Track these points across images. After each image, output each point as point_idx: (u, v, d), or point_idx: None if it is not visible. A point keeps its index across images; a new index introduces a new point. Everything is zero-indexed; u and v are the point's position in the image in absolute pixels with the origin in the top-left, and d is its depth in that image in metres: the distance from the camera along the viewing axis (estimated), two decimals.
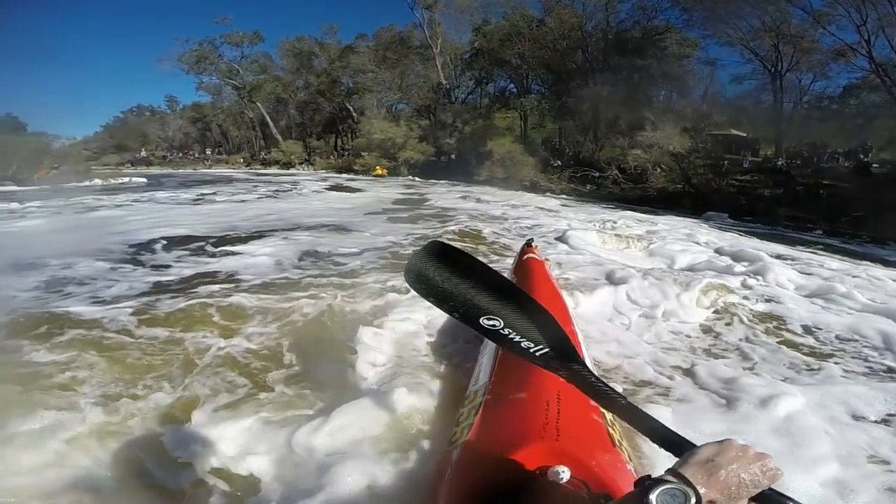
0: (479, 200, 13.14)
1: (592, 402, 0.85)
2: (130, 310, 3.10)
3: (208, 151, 49.36)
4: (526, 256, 2.80)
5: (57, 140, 26.21)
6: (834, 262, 6.04)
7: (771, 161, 19.96)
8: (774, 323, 3.40)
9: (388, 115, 34.42)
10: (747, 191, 16.65)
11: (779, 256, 5.67)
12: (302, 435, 1.72)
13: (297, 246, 5.60)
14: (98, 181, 19.83)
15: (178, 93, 63.21)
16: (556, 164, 22.70)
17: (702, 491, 0.61)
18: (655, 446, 0.73)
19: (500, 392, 1.39)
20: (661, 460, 1.44)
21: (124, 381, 2.18)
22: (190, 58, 36.95)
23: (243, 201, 12.18)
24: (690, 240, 6.97)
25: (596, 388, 0.81)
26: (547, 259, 3.30)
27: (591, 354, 2.15)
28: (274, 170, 36.26)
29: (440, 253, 0.86)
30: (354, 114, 35.76)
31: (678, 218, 10.74)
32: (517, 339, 0.84)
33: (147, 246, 5.64)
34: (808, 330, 3.28)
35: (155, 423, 1.91)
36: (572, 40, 24.94)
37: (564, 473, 0.85)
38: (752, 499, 0.65)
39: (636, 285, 3.69)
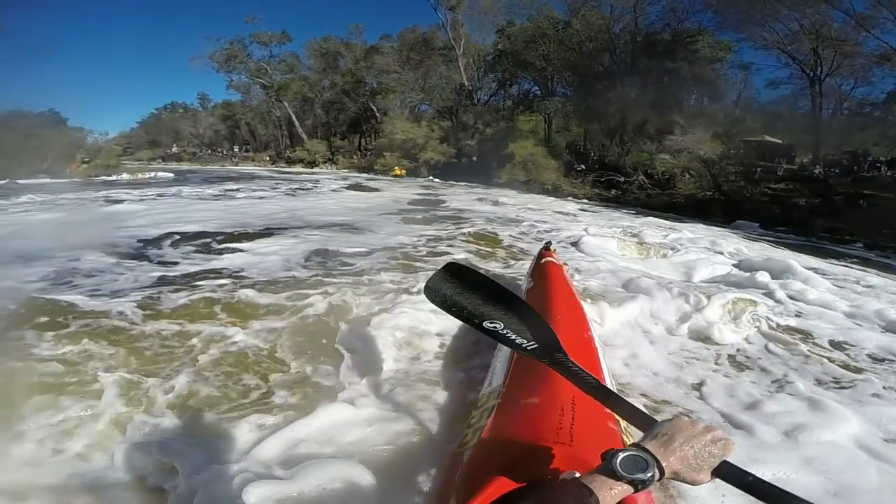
0: (496, 203, 12.91)
1: (607, 410, 0.95)
2: (133, 303, 3.08)
3: (236, 149, 50.55)
4: (544, 260, 2.79)
5: (90, 135, 27.20)
6: (873, 278, 5.57)
7: (807, 169, 19.07)
8: (805, 341, 3.11)
9: (411, 115, 34.51)
10: (781, 199, 15.93)
11: (813, 269, 5.28)
12: (309, 435, 1.71)
13: (308, 244, 5.54)
14: (126, 175, 20.59)
15: (211, 91, 65.05)
16: (580, 168, 22.22)
17: (663, 463, 0.69)
18: None
19: (513, 396, 1.38)
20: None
21: (121, 376, 2.12)
22: (220, 56, 37.97)
23: (261, 198, 12.34)
24: (717, 249, 6.56)
25: (576, 375, 0.96)
26: (565, 263, 3.23)
27: (610, 364, 2.06)
28: (298, 168, 36.80)
29: (454, 272, 1.12)
30: (378, 114, 35.97)
31: (705, 226, 10.18)
32: (513, 336, 1.02)
33: (159, 241, 5.68)
34: (839, 347, 3.01)
35: (154, 418, 1.88)
36: (599, 42, 24.40)
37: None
38: (713, 472, 0.73)
39: (659, 296, 3.43)
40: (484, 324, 1.03)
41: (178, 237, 5.86)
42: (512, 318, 1.04)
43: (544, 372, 1.20)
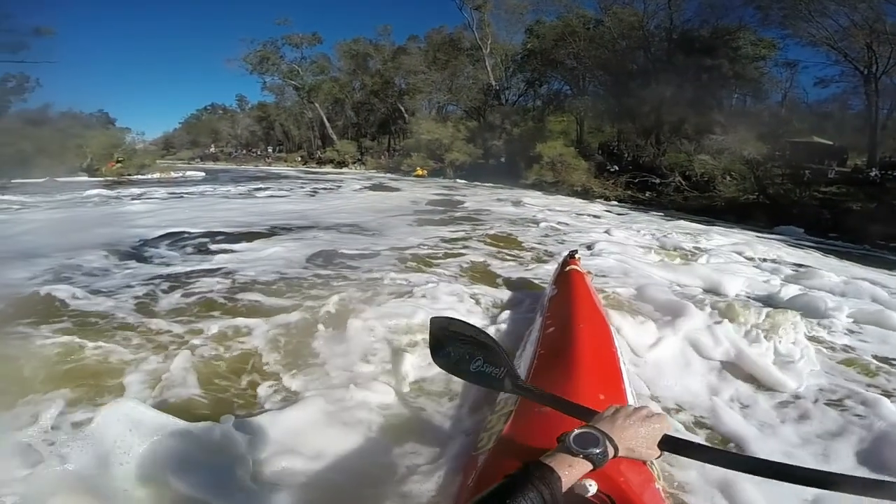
0: (518, 204, 12.48)
1: None
2: (127, 302, 3.12)
3: (270, 149, 51.81)
4: (568, 268, 2.75)
5: (128, 135, 28.41)
6: None
7: (862, 172, 17.67)
8: (871, 372, 2.58)
9: (438, 116, 34.35)
10: (832, 204, 14.77)
11: (869, 281, 4.64)
12: (321, 436, 1.70)
13: (312, 246, 5.40)
14: (157, 174, 21.34)
15: (248, 93, 67.07)
16: (612, 169, 21.35)
17: (614, 438, 0.79)
18: (688, 467, 1.32)
19: (532, 406, 1.33)
20: (691, 477, 1.51)
21: (107, 375, 2.13)
22: (253, 58, 38.86)
23: (282, 198, 12.38)
24: (755, 256, 5.97)
25: (531, 392, 1.12)
26: (589, 272, 3.09)
27: (635, 385, 1.90)
28: (328, 168, 37.26)
29: (441, 326, 1.25)
30: (406, 114, 35.97)
31: (742, 231, 9.30)
32: (490, 371, 1.15)
33: (158, 241, 5.64)
34: None
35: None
36: (632, 40, 23.47)
37: (592, 487, 0.83)
38: (659, 446, 0.85)
39: (694, 312, 3.00)
40: (471, 367, 1.16)
41: (180, 237, 5.84)
42: (489, 355, 1.15)
43: (563, 381, 1.33)
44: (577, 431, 0.78)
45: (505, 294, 3.65)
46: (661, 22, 22.75)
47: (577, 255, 3.01)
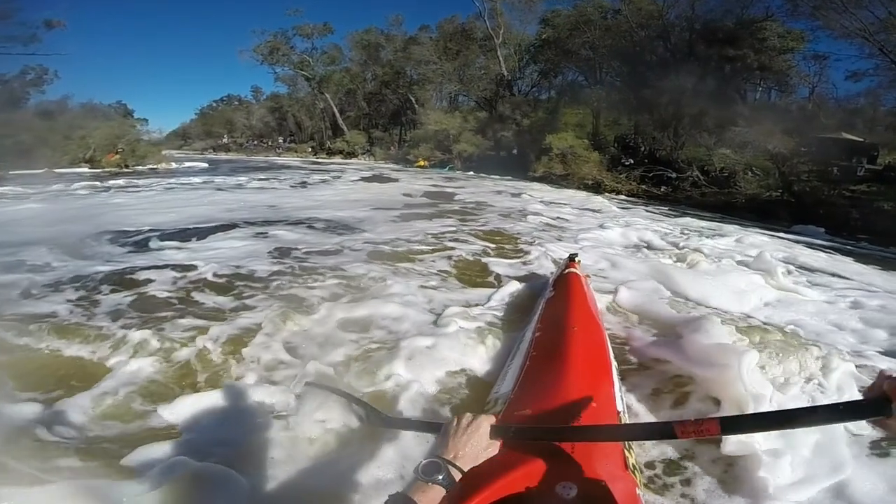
0: (517, 197, 11.90)
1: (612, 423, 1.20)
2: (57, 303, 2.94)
3: (280, 140, 51.78)
4: (567, 271, 2.76)
5: (141, 125, 28.49)
6: None
7: (894, 170, 16.56)
8: None
9: (450, 107, 33.72)
10: (862, 203, 13.79)
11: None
12: (302, 441, 1.64)
13: (273, 242, 5.04)
14: (159, 165, 21.17)
15: (264, 84, 67.23)
16: (627, 163, 20.42)
17: (449, 456, 0.88)
18: (669, 473, 1.44)
19: (520, 403, 1.37)
20: (671, 484, 1.51)
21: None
22: (264, 49, 38.58)
23: (271, 190, 11.91)
24: (770, 260, 5.25)
25: (379, 416, 1.44)
26: (588, 276, 3.08)
27: (627, 401, 1.87)
28: (337, 159, 36.96)
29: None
30: (416, 105, 35.35)
31: (757, 233, 8.22)
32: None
33: (121, 235, 5.32)
34: None
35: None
36: (651, 29, 22.43)
37: (571, 490, 0.85)
38: (492, 437, 0.95)
39: (694, 329, 2.38)
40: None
41: (136, 233, 5.52)
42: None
43: (552, 383, 1.41)
44: (423, 462, 0.86)
45: (494, 294, 3.42)
46: (683, 12, 21.62)
47: (577, 259, 3.01)
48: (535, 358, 1.66)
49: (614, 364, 1.74)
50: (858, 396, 1.45)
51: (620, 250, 5.37)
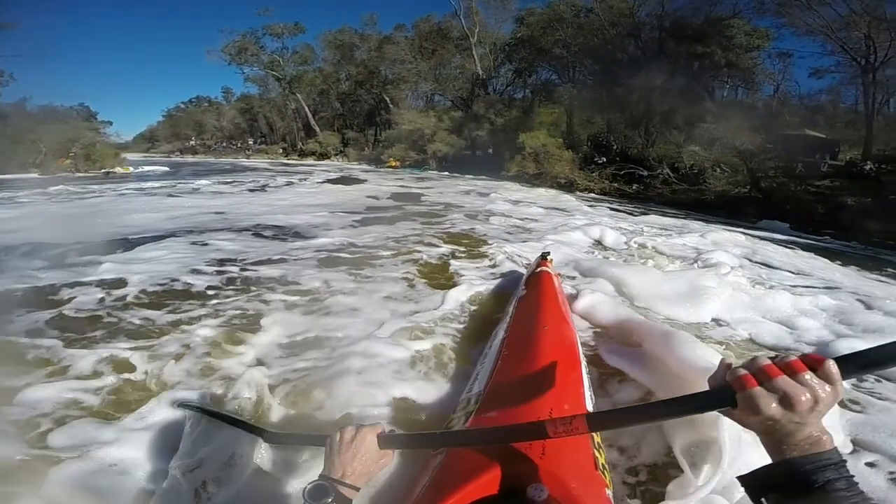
0: (485, 197, 11.58)
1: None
2: None
3: (250, 141, 50.58)
4: (539, 269, 2.75)
5: (103, 127, 27.30)
6: None
7: (856, 165, 16.95)
8: None
9: (426, 107, 33.43)
10: (826, 198, 14.03)
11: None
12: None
13: (212, 253, 4.58)
14: (108, 169, 20.15)
15: (235, 85, 65.65)
16: (600, 161, 20.47)
17: (338, 475, 0.86)
18: (636, 473, 1.43)
19: (491, 404, 1.36)
20: (642, 484, 1.49)
21: None
22: (232, 49, 37.56)
23: (226, 194, 11.22)
24: (738, 260, 5.09)
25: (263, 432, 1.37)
26: (559, 273, 3.14)
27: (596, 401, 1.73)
28: (309, 161, 36.21)
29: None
30: (391, 105, 34.90)
31: (723, 229, 7.65)
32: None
33: (47, 248, 4.71)
34: None
35: None
36: (622, 27, 22.60)
37: (542, 492, 0.84)
38: (382, 448, 0.93)
39: (669, 339, 2.16)
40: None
41: (60, 245, 4.86)
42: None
43: (523, 383, 1.38)
44: (309, 487, 0.83)
45: (461, 297, 3.27)
46: (653, 9, 21.90)
47: (549, 257, 2.99)
48: (507, 357, 1.66)
49: (584, 363, 1.75)
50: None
51: (582, 250, 5.16)
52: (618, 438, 1.65)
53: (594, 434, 1.20)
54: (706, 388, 0.71)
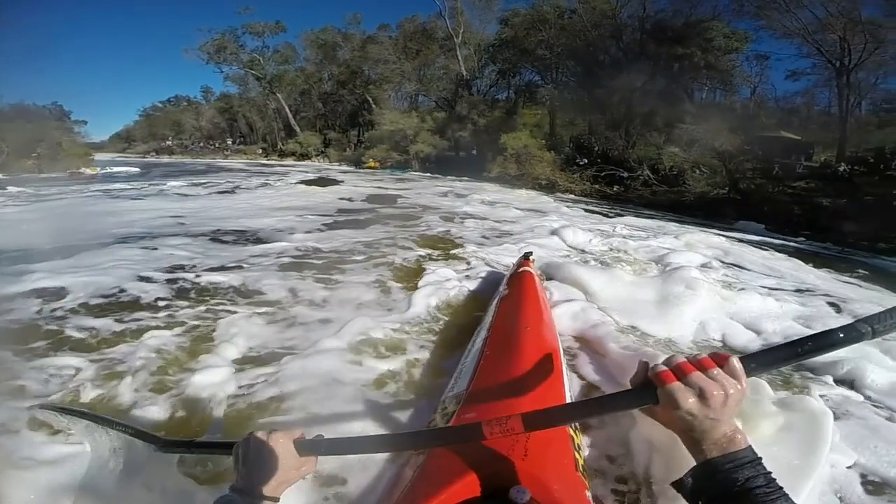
0: (463, 198, 11.39)
1: (563, 427, 1.13)
2: None
3: (229, 141, 49.62)
4: (521, 269, 2.76)
5: (77, 127, 26.39)
6: None
7: (830, 167, 17.22)
8: None
9: (409, 107, 33.16)
10: (802, 200, 14.19)
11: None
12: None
13: (181, 258, 4.29)
14: (73, 170, 19.32)
15: (215, 84, 64.34)
16: (581, 163, 20.48)
17: (250, 486, 0.78)
18: (611, 475, 1.39)
19: (474, 404, 1.35)
20: (619, 484, 1.47)
21: None
22: (210, 47, 36.66)
23: (193, 196, 10.74)
24: (717, 261, 4.97)
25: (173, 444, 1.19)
26: (541, 273, 3.20)
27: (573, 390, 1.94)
28: (289, 161, 35.57)
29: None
30: (373, 105, 34.50)
31: (699, 231, 7.60)
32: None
33: None
34: None
35: None
36: (604, 28, 22.69)
37: (525, 495, 0.84)
38: (303, 455, 0.83)
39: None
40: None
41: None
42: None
43: (506, 384, 1.37)
44: (222, 500, 0.76)
45: (437, 299, 3.19)
46: (635, 11, 22.09)
47: (531, 257, 2.99)
48: (489, 357, 1.66)
49: (564, 364, 1.75)
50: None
51: (556, 253, 4.98)
52: (605, 445, 1.61)
53: (574, 436, 1.22)
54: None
